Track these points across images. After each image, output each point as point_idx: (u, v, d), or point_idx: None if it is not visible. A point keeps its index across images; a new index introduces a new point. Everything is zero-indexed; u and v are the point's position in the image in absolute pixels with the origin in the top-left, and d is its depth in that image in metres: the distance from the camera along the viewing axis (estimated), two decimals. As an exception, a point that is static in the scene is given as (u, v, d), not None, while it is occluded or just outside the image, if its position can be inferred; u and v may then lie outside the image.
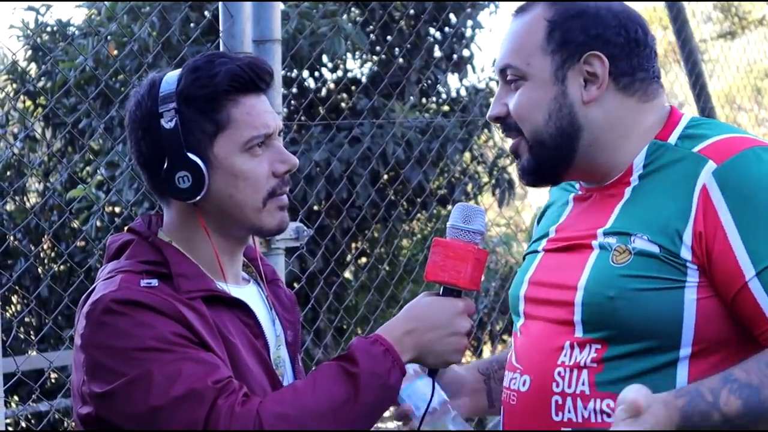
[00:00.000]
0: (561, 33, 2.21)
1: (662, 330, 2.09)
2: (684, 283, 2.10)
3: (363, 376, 2.05)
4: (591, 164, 2.24)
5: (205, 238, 2.19)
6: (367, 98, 6.08)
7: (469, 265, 2.16)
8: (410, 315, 2.16)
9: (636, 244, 2.12)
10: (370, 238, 6.27)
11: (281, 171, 2.18)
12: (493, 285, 7.08)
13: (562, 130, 2.21)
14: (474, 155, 6.86)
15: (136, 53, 5.55)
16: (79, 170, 6.36)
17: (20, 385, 5.32)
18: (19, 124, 6.41)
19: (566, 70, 2.20)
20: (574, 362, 2.15)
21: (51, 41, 6.44)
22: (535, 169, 2.25)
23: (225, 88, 2.14)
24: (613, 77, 2.21)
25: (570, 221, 2.30)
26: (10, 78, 6.35)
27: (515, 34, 2.25)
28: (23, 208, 6.23)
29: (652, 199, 2.16)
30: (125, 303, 2.05)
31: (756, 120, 10.70)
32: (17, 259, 6.09)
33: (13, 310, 6.21)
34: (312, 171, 5.65)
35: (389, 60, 6.30)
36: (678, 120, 2.24)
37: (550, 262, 2.28)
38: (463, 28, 6.69)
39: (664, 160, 2.18)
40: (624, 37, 2.21)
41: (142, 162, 2.19)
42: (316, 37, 5.85)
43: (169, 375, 2.00)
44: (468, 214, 2.19)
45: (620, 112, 2.22)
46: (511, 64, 2.23)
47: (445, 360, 2.17)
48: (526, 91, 2.22)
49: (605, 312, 2.12)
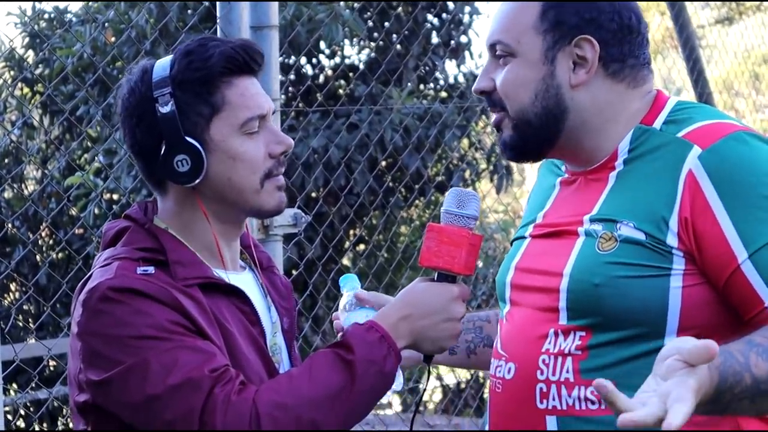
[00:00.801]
0: (555, 13, 2.20)
1: (647, 318, 2.08)
2: (670, 270, 2.09)
3: (359, 363, 2.05)
4: (576, 146, 2.23)
5: (203, 223, 2.18)
6: (364, 85, 6.08)
7: (463, 250, 2.15)
8: (405, 301, 2.17)
9: (622, 231, 2.11)
10: (368, 224, 6.27)
11: (277, 152, 2.19)
12: (491, 272, 7.08)
13: (548, 111, 2.20)
14: (472, 141, 6.86)
15: (134, 40, 5.55)
16: (77, 157, 6.36)
17: (19, 373, 5.33)
18: (17, 112, 6.41)
19: (556, 52, 2.19)
20: (559, 350, 2.14)
21: (48, 28, 6.43)
22: (517, 145, 2.24)
23: (220, 70, 2.14)
24: (602, 62, 2.20)
25: (556, 206, 2.30)
26: (8, 65, 6.35)
27: (508, 11, 2.25)
28: (21, 196, 6.23)
29: (638, 185, 2.15)
30: (122, 291, 2.04)
31: (754, 106, 10.70)
32: (15, 247, 6.10)
33: (11, 298, 6.21)
34: (310, 158, 5.65)
35: (387, 46, 6.30)
36: (663, 104, 2.24)
37: (537, 249, 2.27)
38: (460, 15, 6.69)
39: (649, 145, 2.18)
40: (617, 23, 2.20)
41: (137, 150, 2.19)
42: (314, 23, 5.85)
43: (166, 363, 2.00)
44: (462, 199, 2.18)
45: (608, 97, 2.21)
46: (502, 40, 2.22)
47: (440, 346, 2.17)
48: (514, 68, 2.21)
49: (590, 299, 2.11)
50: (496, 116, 2.26)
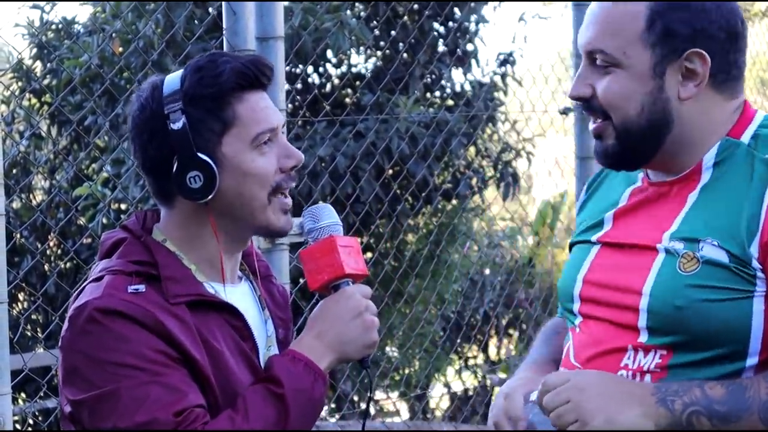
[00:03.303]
0: (663, 24, 2.11)
1: (730, 339, 2.05)
2: (753, 293, 2.05)
3: (289, 395, 2.11)
4: (670, 158, 2.17)
5: (209, 237, 2.20)
6: (371, 93, 6.09)
7: (337, 254, 2.19)
8: (313, 321, 2.21)
9: (704, 251, 2.07)
10: (374, 232, 6.28)
11: (288, 166, 2.20)
12: (499, 279, 7.09)
13: (653, 124, 2.13)
14: (478, 149, 6.87)
15: (141, 50, 5.57)
16: (85, 167, 6.38)
17: (27, 382, 5.34)
18: (25, 122, 6.43)
19: (665, 65, 2.12)
20: (638, 366, 2.10)
21: (56, 39, 6.46)
22: (618, 154, 2.17)
23: (231, 86, 2.16)
24: (711, 74, 2.13)
25: (630, 216, 2.23)
26: (16, 76, 6.37)
27: (610, 17, 2.15)
28: (29, 206, 6.25)
29: (723, 203, 2.10)
30: (107, 313, 2.07)
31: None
32: (24, 257, 6.11)
33: (20, 308, 6.23)
34: (316, 166, 5.67)
35: (393, 55, 6.32)
36: (752, 117, 2.18)
37: (608, 261, 2.21)
38: (466, 23, 6.70)
39: (736, 160, 2.12)
40: (725, 32, 2.12)
41: (149, 166, 2.20)
42: (320, 32, 5.86)
43: (137, 397, 2.04)
44: (316, 213, 2.24)
45: (710, 109, 2.15)
46: (605, 50, 2.13)
47: (362, 344, 2.20)
48: (620, 80, 2.13)
49: (672, 321, 2.07)
50: (597, 124, 2.19)
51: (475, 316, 7.22)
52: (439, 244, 6.40)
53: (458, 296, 6.85)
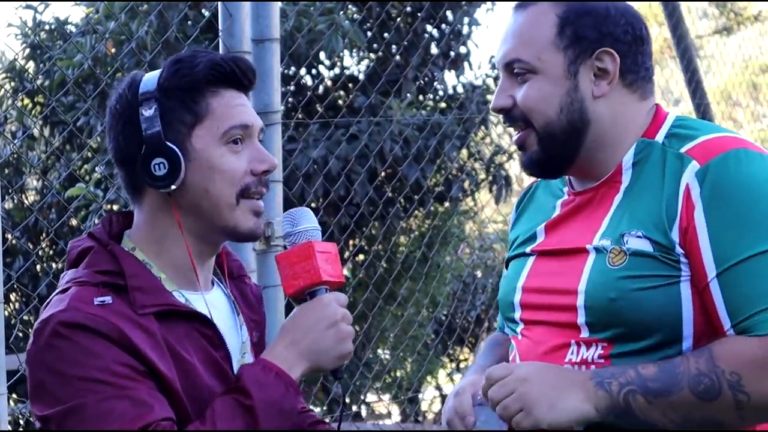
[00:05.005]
0: (573, 29, 2.24)
1: (664, 325, 2.14)
2: (679, 278, 2.14)
3: (258, 406, 2.06)
4: (591, 160, 2.27)
5: (177, 238, 2.17)
6: (364, 96, 6.09)
7: (315, 260, 2.15)
8: (286, 329, 2.16)
9: (630, 244, 2.16)
10: (367, 235, 6.28)
11: (260, 170, 2.16)
12: (491, 282, 7.10)
13: (573, 124, 2.24)
14: (471, 152, 6.88)
15: (135, 51, 5.57)
16: (78, 168, 6.37)
17: (19, 383, 5.33)
18: (18, 123, 6.42)
19: (578, 66, 2.24)
20: (581, 359, 2.19)
21: (49, 39, 6.45)
22: (543, 161, 2.27)
23: (206, 78, 2.14)
24: (621, 73, 2.25)
25: (561, 226, 2.32)
26: (9, 76, 6.36)
27: (522, 29, 2.27)
28: (22, 207, 6.24)
29: (643, 198, 2.19)
30: (72, 326, 2.05)
31: (752, 116, 10.72)
32: (16, 257, 6.11)
33: (12, 309, 6.22)
34: (310, 168, 5.67)
35: (387, 57, 6.32)
36: (664, 118, 2.28)
37: (544, 268, 2.31)
38: (459, 26, 6.71)
39: (653, 158, 2.22)
40: (631, 35, 2.25)
41: (120, 157, 2.18)
42: (314, 34, 5.86)
43: (103, 413, 2.01)
44: (294, 217, 2.19)
45: (623, 108, 2.26)
46: (521, 58, 2.25)
47: (335, 355, 2.15)
48: (537, 85, 2.24)
49: (608, 313, 2.16)
50: (519, 134, 2.28)
51: (467, 318, 7.23)
52: (431, 247, 6.41)
53: (450, 299, 6.86)
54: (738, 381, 2.06)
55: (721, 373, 2.07)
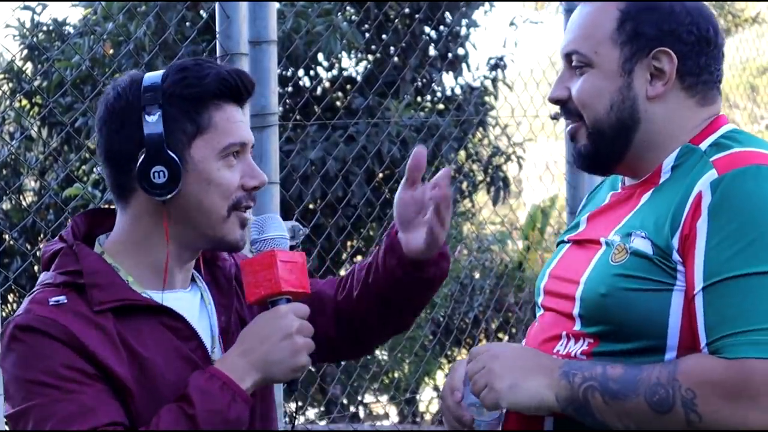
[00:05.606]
0: (633, 25, 2.20)
1: (649, 332, 2.10)
2: (673, 286, 2.09)
3: (200, 416, 2.04)
4: (638, 160, 2.23)
5: (159, 240, 2.17)
6: (362, 97, 6.10)
7: (276, 269, 2.13)
8: (240, 338, 2.14)
9: (633, 243, 2.13)
10: (365, 236, 6.29)
11: (250, 185, 2.18)
12: (488, 283, 7.10)
13: (622, 122, 2.20)
14: (469, 153, 6.89)
15: (132, 53, 5.57)
16: (76, 169, 6.37)
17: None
18: (16, 123, 6.43)
19: (634, 63, 2.20)
20: (567, 352, 2.18)
21: (47, 40, 6.45)
22: (592, 155, 2.25)
23: (213, 91, 2.15)
24: (679, 75, 2.20)
25: (600, 215, 2.31)
26: (6, 77, 6.36)
27: (585, 21, 2.25)
28: (20, 207, 6.24)
29: (662, 202, 2.15)
30: (25, 329, 2.07)
31: (749, 117, 10.73)
32: (14, 258, 6.10)
33: (9, 309, 6.22)
34: (307, 170, 5.68)
35: (384, 59, 6.33)
36: (718, 128, 2.22)
37: (570, 257, 2.30)
38: (458, 27, 6.72)
39: (688, 164, 2.17)
40: (695, 35, 2.19)
41: (111, 155, 2.17)
42: (312, 36, 5.87)
43: (46, 417, 2.03)
44: (261, 224, 2.18)
45: (678, 112, 2.21)
46: (579, 50, 2.23)
47: (289, 367, 2.12)
48: (591, 79, 2.21)
49: (598, 308, 2.14)
50: (571, 126, 2.26)
51: (464, 319, 7.22)
52: (429, 248, 6.39)
53: (448, 300, 6.86)
54: (692, 399, 2.00)
55: (678, 387, 2.01)
